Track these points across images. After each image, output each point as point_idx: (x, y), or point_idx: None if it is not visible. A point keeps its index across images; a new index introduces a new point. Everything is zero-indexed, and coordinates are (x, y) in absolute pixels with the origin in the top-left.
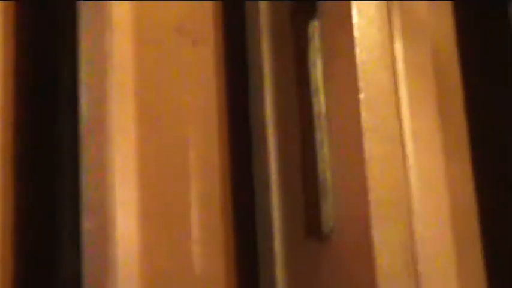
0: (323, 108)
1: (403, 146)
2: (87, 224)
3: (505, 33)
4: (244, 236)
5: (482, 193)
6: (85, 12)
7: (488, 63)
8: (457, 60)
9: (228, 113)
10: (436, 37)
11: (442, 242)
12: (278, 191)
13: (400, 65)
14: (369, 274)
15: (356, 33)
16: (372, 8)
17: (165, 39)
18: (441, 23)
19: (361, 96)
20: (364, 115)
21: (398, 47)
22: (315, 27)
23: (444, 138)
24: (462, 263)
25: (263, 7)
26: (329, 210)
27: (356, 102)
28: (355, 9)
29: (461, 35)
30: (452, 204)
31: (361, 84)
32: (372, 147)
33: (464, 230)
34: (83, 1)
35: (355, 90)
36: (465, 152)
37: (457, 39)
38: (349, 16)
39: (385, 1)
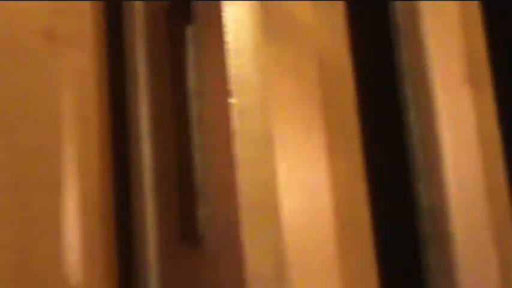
0: (198, 112)
1: (273, 149)
2: None
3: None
4: (120, 240)
5: (374, 193)
6: None
7: (383, 63)
8: (348, 61)
9: (108, 117)
10: (322, 38)
11: (319, 246)
12: (153, 195)
13: (273, 68)
14: (239, 277)
15: (228, 37)
16: (244, 11)
17: (30, 45)
18: (329, 24)
19: (233, 100)
20: (235, 119)
21: (272, 50)
22: (190, 31)
23: (329, 139)
24: (346, 267)
25: (139, 7)
26: (203, 214)
27: (228, 106)
28: (227, 12)
29: (355, 35)
30: (335, 206)
31: (233, 88)
32: (242, 151)
33: (350, 232)
34: None
35: (228, 94)
36: (355, 152)
37: (351, 39)
38: (221, 20)
39: (260, 1)
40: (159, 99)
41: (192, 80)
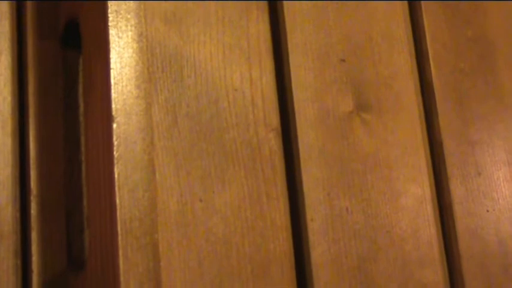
0: (86, 140)
1: (154, 173)
2: None
3: None
4: None
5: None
6: None
7: None
8: None
9: None
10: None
11: (193, 270)
12: (38, 222)
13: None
14: None
15: (113, 64)
16: (128, 40)
17: None
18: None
19: (114, 125)
20: (116, 143)
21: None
22: (81, 58)
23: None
24: None
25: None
26: (86, 240)
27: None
28: (112, 40)
29: None
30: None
31: (114, 114)
32: (122, 175)
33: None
34: None
35: (110, 119)
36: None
37: None
38: (106, 49)
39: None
40: (49, 127)
41: (81, 107)
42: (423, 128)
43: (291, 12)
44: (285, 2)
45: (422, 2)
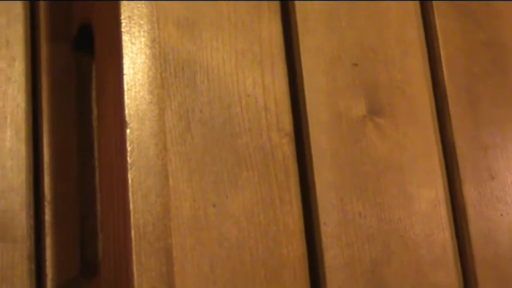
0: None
1: (167, 179)
2: None
3: None
4: None
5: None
6: None
7: None
8: None
9: None
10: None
11: (206, 275)
12: (52, 226)
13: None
14: None
15: (126, 70)
16: (141, 46)
17: None
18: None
19: (128, 131)
20: (130, 149)
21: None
22: (94, 64)
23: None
24: None
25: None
26: (99, 245)
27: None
28: (125, 45)
29: None
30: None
31: (128, 120)
32: (135, 181)
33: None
34: None
35: (123, 125)
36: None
37: None
38: (119, 55)
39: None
40: (63, 132)
41: (95, 113)
42: (436, 132)
43: (302, 13)
44: (296, 2)
45: (434, 2)
